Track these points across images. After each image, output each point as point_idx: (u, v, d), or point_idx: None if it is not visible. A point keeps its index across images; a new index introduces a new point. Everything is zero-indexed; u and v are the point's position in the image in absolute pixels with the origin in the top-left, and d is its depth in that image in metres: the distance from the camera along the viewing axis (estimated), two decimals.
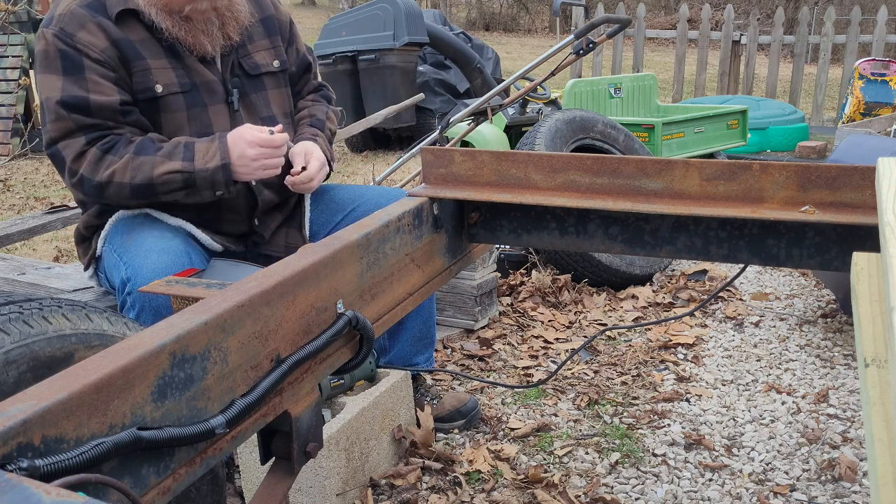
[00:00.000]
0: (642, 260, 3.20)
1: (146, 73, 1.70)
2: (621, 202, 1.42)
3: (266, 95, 1.89)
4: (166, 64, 1.72)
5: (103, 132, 1.67)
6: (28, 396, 0.76)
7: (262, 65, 1.88)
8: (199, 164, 1.67)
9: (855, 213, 1.30)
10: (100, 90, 1.65)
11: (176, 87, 1.73)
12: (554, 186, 1.48)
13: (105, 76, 1.66)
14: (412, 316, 2.01)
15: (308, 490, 1.71)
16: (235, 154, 1.69)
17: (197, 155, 1.68)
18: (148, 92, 1.70)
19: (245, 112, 1.84)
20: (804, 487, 1.87)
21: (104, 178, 1.66)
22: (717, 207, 1.36)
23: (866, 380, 0.72)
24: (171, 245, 1.65)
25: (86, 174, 1.67)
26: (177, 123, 1.74)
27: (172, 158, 1.66)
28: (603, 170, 1.45)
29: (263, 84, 1.89)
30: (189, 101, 1.75)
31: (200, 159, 1.67)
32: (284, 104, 1.94)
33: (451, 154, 1.56)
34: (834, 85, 9.67)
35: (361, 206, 1.94)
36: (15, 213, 4.64)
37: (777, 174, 1.33)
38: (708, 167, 1.37)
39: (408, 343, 2.06)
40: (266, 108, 1.88)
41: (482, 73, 6.60)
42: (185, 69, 1.74)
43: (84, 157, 1.66)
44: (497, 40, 17.39)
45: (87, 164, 1.66)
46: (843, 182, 1.31)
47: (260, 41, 1.89)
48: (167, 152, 1.67)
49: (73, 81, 1.64)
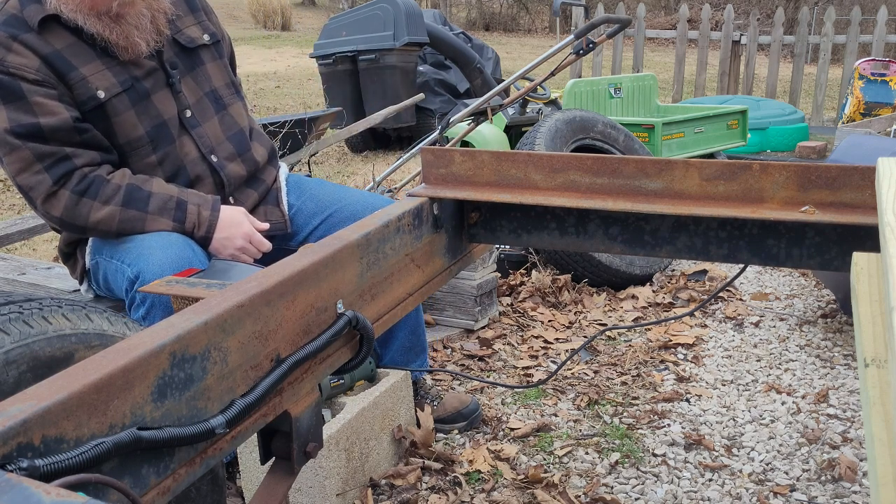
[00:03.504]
0: (642, 260, 3.20)
1: (84, 82, 1.64)
2: (621, 202, 1.42)
3: (206, 70, 1.86)
4: (100, 66, 1.67)
5: (65, 165, 1.62)
6: (28, 396, 0.76)
7: (195, 38, 1.85)
8: (189, 228, 1.70)
9: (855, 213, 1.29)
10: (48, 111, 1.59)
11: (117, 87, 1.68)
12: (554, 186, 1.48)
13: (48, 95, 1.60)
14: (400, 325, 2.01)
15: (308, 490, 1.71)
16: (222, 234, 1.72)
17: (188, 218, 1.70)
18: (91, 101, 1.65)
19: (188, 91, 1.81)
20: (804, 487, 1.87)
21: (90, 224, 1.65)
22: (718, 207, 1.36)
23: (866, 380, 0.72)
24: (170, 239, 1.65)
25: (66, 219, 1.65)
26: (129, 124, 1.70)
27: (163, 216, 1.67)
28: (603, 170, 1.45)
29: (201, 58, 1.86)
30: (133, 97, 1.71)
31: (190, 224, 1.70)
32: (224, 75, 1.91)
33: (451, 154, 1.56)
34: (834, 85, 9.67)
35: (342, 209, 1.93)
36: (15, 213, 4.64)
37: (777, 174, 1.33)
38: (708, 167, 1.37)
39: (398, 353, 2.05)
40: (208, 83, 1.86)
41: (482, 73, 6.60)
42: (122, 65, 1.70)
43: (56, 200, 1.63)
44: (497, 40, 17.38)
45: (64, 210, 1.63)
46: (843, 182, 1.30)
47: (186, 17, 1.86)
48: (158, 208, 1.67)
49: (16, 108, 1.58)
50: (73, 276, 1.90)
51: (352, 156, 6.63)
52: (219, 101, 1.88)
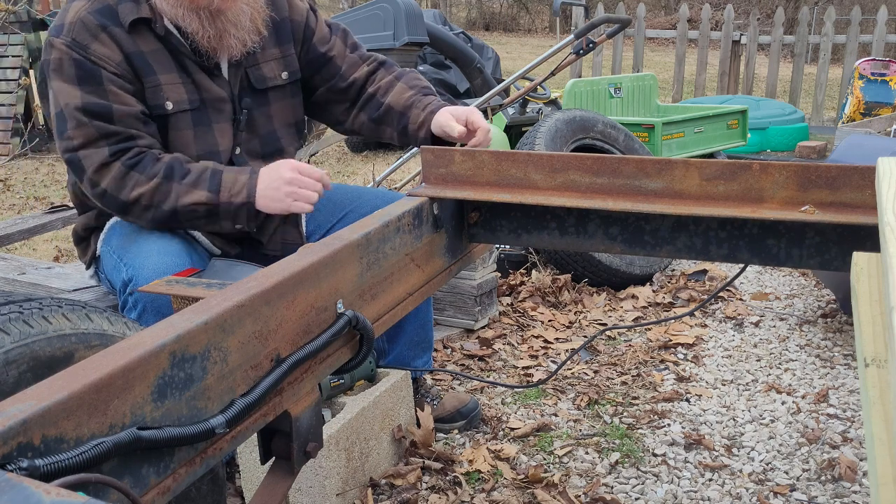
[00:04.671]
0: (642, 260, 3.20)
1: (157, 89, 1.65)
2: (621, 202, 1.42)
3: (268, 111, 1.83)
4: (176, 79, 1.68)
5: (127, 143, 1.62)
6: (28, 396, 0.76)
7: (269, 77, 1.81)
8: (224, 196, 1.62)
9: (855, 212, 1.29)
10: (121, 100, 1.61)
11: (185, 104, 1.68)
12: (554, 186, 1.48)
13: (123, 88, 1.62)
14: (410, 319, 2.00)
15: (308, 490, 1.71)
16: (264, 184, 1.63)
17: (223, 186, 1.62)
18: (158, 109, 1.66)
19: (247, 130, 1.80)
20: (804, 487, 1.87)
21: (130, 199, 1.61)
22: (718, 207, 1.36)
23: (866, 380, 0.72)
24: (171, 246, 1.64)
25: (110, 190, 1.61)
26: (183, 142, 1.70)
27: (198, 187, 1.61)
28: (603, 170, 1.45)
29: (267, 99, 1.82)
30: (196, 118, 1.71)
31: (226, 192, 1.62)
32: (288, 115, 1.88)
33: (451, 154, 1.56)
34: (834, 85, 9.67)
35: (358, 208, 1.92)
36: (15, 212, 4.64)
37: (777, 174, 1.33)
38: (708, 167, 1.37)
39: (405, 347, 2.05)
40: (267, 124, 1.83)
41: (482, 72, 6.60)
42: (194, 84, 1.70)
43: (107, 171, 1.61)
44: (497, 40, 17.38)
45: (112, 180, 1.61)
46: (842, 182, 1.30)
47: (270, 50, 1.81)
48: (194, 180, 1.62)
49: (91, 91, 1.60)
50: (82, 260, 1.90)
51: (352, 155, 6.63)
52: (273, 144, 1.84)
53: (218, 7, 1.63)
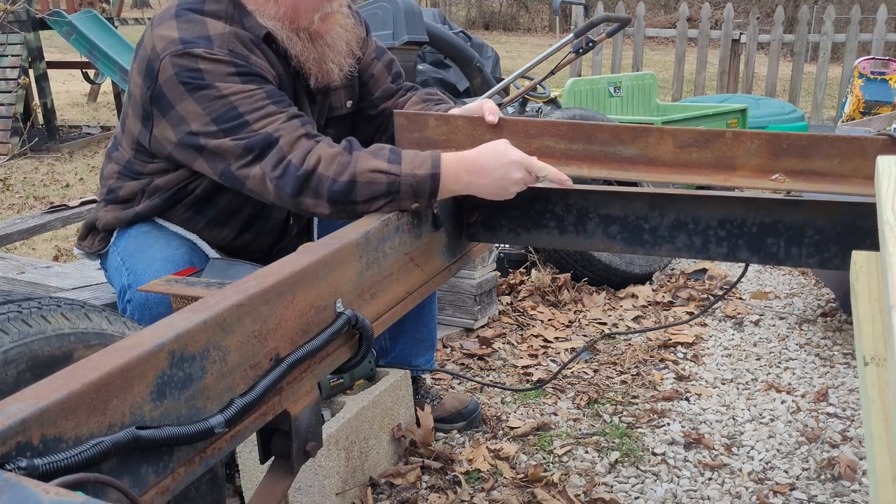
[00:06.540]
0: (642, 259, 3.20)
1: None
2: (597, 169, 1.42)
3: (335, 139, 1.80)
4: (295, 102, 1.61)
5: (311, 125, 1.53)
6: (27, 396, 0.76)
7: (336, 107, 1.75)
8: (407, 167, 1.46)
9: (825, 181, 1.30)
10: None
11: None
12: (529, 152, 1.44)
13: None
14: (413, 317, 1.99)
15: (307, 489, 1.71)
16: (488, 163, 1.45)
17: (404, 159, 1.48)
18: None
19: None
20: (804, 486, 1.87)
21: (309, 166, 1.45)
22: (691, 175, 1.36)
23: (866, 378, 0.72)
24: (175, 254, 1.61)
25: (293, 160, 1.46)
26: None
27: (377, 158, 1.48)
28: (578, 136, 1.44)
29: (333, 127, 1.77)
30: None
31: (408, 163, 1.47)
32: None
33: (424, 118, 1.55)
34: (834, 84, 9.66)
35: None
36: (14, 212, 4.64)
37: (749, 142, 1.34)
38: (682, 135, 1.38)
39: (408, 345, 2.05)
40: None
41: (482, 71, 6.59)
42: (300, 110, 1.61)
43: (298, 144, 1.47)
44: (497, 39, 17.38)
45: (298, 151, 1.47)
46: (813, 150, 1.31)
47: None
48: (372, 151, 1.49)
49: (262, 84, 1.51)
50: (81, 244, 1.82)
51: None
52: None
53: (318, 30, 1.57)
